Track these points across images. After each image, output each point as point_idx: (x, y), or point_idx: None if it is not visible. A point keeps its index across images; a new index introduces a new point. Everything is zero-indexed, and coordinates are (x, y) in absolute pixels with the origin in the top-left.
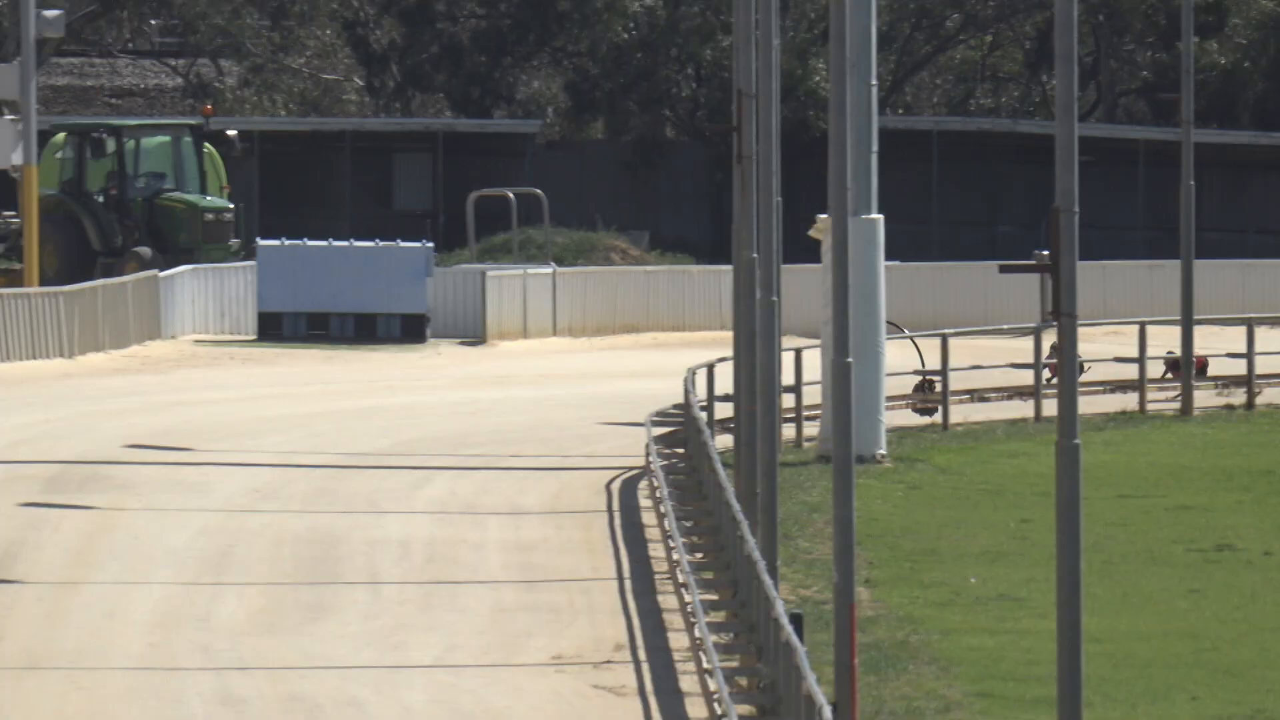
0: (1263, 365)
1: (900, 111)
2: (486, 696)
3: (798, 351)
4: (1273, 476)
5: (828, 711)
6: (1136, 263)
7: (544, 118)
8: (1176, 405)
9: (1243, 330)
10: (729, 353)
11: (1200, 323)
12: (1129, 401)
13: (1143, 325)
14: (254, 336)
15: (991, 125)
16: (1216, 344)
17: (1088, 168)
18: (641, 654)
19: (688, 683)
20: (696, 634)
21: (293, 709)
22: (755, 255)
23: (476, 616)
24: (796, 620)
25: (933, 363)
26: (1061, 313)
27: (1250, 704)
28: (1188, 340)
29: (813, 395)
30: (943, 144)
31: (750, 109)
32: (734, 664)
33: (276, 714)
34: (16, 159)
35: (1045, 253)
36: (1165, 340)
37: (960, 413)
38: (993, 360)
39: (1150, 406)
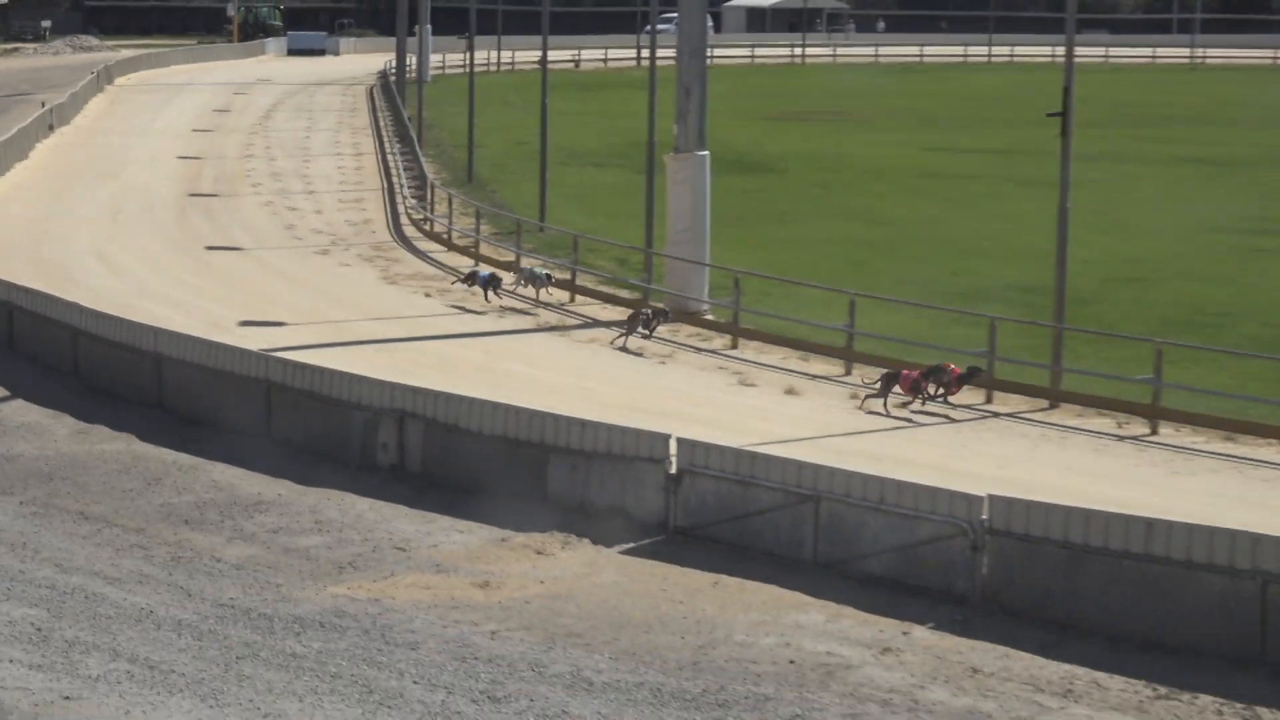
0: None
1: None
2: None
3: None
4: None
5: (413, 133)
6: None
7: None
8: None
9: None
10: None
11: None
12: None
13: None
14: None
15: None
16: None
17: None
18: (369, 133)
19: (388, 145)
20: (384, 135)
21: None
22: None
23: (327, 117)
24: (413, 122)
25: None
26: None
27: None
28: None
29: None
30: None
31: None
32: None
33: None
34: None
35: None
36: None
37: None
38: None
39: None
